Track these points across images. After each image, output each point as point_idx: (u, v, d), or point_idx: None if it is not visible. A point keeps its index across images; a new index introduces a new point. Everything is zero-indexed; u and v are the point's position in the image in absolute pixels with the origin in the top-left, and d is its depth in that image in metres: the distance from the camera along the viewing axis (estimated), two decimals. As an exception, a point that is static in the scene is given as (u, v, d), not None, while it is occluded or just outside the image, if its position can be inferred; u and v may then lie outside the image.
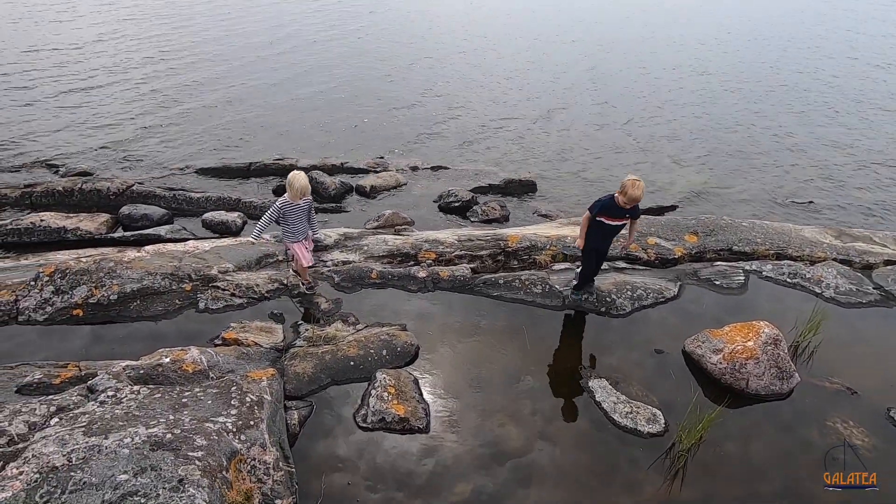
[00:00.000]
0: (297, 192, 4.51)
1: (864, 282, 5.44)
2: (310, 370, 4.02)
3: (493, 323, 4.73)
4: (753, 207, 8.44)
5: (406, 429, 3.64)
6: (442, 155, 10.25)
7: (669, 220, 6.63)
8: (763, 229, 6.33)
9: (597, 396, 3.95)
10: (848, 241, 6.26)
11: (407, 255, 5.67)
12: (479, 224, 7.38)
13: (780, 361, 4.08)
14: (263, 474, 2.91)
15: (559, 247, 5.83)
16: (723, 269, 5.58)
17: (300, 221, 4.68)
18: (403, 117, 12.28)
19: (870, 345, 4.65)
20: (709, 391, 4.07)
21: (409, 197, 8.41)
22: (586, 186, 9.12)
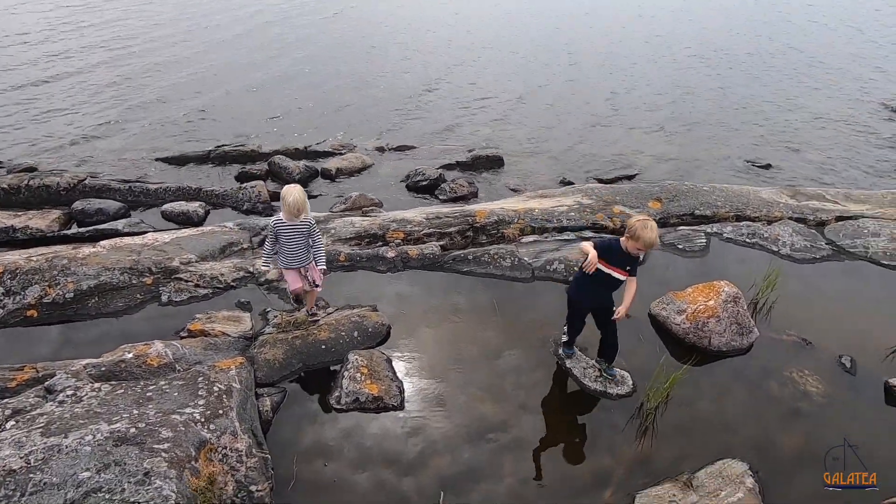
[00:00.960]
0: (290, 208, 3.72)
1: (818, 238, 5.66)
2: (280, 356, 3.97)
3: (464, 298, 4.76)
4: (714, 172, 8.64)
5: (380, 407, 3.65)
6: (408, 135, 10.10)
7: (633, 187, 6.73)
8: (723, 193, 6.50)
9: (567, 363, 4.03)
10: (802, 199, 6.49)
11: (375, 236, 5.61)
12: (447, 202, 7.34)
13: (740, 318, 4.24)
14: (236, 462, 2.88)
15: (527, 220, 5.86)
16: (686, 233, 5.72)
17: (298, 245, 3.90)
18: (368, 98, 12.01)
19: (822, 297, 4.87)
20: (674, 351, 4.20)
21: (375, 178, 8.29)
22: (552, 159, 9.16)
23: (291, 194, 3.75)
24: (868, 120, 11.04)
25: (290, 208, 3.73)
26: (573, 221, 5.90)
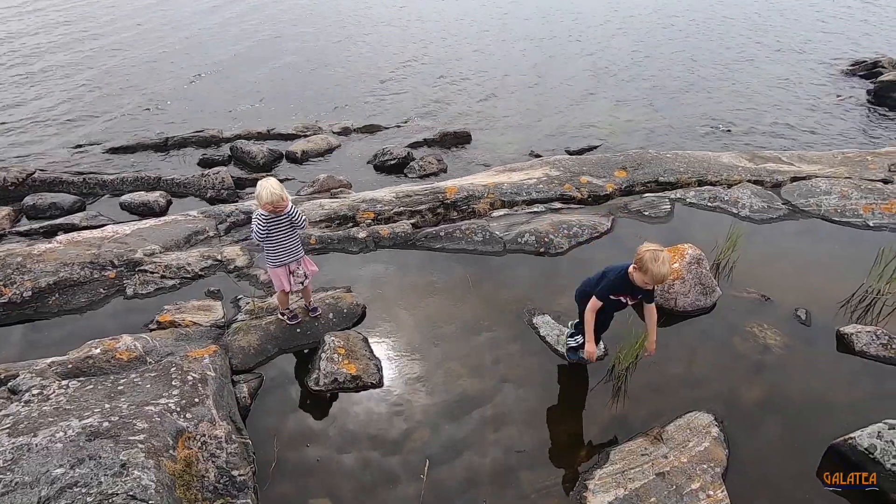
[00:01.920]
0: (269, 204, 3.45)
1: (775, 199, 5.89)
2: (255, 342, 3.94)
3: (437, 275, 4.78)
4: (678, 140, 8.83)
5: (360, 386, 3.68)
6: (374, 115, 9.94)
7: (600, 157, 6.83)
8: (685, 159, 6.66)
9: (541, 331, 4.12)
10: (760, 163, 6.71)
11: (345, 218, 5.55)
12: (416, 180, 7.30)
13: (704, 279, 4.40)
14: (216, 448, 2.87)
15: (497, 194, 5.90)
16: (651, 200, 5.86)
17: (287, 238, 3.69)
18: (330, 80, 11.71)
19: (780, 255, 5.09)
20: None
21: (343, 159, 8.17)
22: (520, 134, 9.18)
23: (265, 189, 3.44)
24: (824, 83, 11.41)
25: (268, 204, 3.45)
26: (542, 193, 5.96)
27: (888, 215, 5.55)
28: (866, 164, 6.69)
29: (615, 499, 2.95)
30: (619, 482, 3.03)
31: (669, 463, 3.11)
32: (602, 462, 3.18)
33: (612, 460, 3.17)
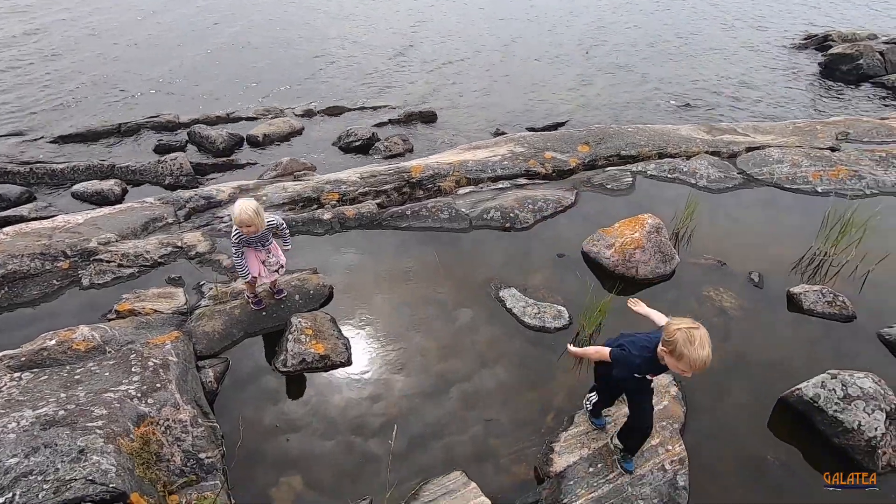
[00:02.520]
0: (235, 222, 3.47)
1: (731, 169, 6.08)
2: (220, 327, 3.88)
3: (404, 253, 4.78)
4: (639, 114, 8.97)
5: (328, 365, 3.67)
6: (337, 96, 9.74)
7: (563, 133, 6.89)
8: (646, 132, 6.78)
9: (507, 304, 4.19)
10: (717, 134, 6.90)
11: (309, 199, 5.47)
12: (382, 160, 7.23)
13: (663, 247, 4.53)
14: (181, 432, 2.84)
15: (462, 172, 5.90)
16: (613, 174, 5.97)
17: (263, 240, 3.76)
18: (291, 62, 11.39)
19: (735, 222, 5.28)
20: (606, 283, 4.45)
21: (306, 142, 8.01)
22: (485, 113, 9.17)
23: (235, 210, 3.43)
24: (778, 56, 11.74)
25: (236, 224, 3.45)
26: (507, 170, 5.99)
27: (835, 181, 5.81)
28: (816, 134, 6.95)
29: (579, 458, 3.06)
30: (583, 443, 3.14)
31: (631, 422, 3.23)
32: (567, 425, 3.28)
33: (576, 423, 3.28)
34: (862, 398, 3.09)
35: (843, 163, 6.06)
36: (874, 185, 5.79)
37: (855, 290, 4.39)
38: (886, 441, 3.02)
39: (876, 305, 4.22)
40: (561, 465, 3.03)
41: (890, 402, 3.11)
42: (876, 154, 6.21)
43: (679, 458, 3.03)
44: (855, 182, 5.81)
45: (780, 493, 2.96)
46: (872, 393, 3.11)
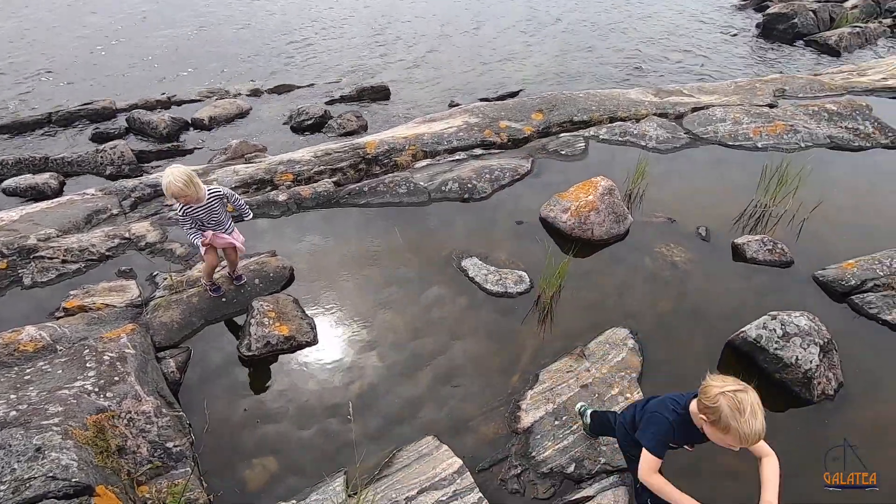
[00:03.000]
0: (180, 194, 3.26)
1: (678, 129, 6.28)
2: (178, 317, 3.78)
3: (364, 230, 4.75)
4: (590, 80, 9.09)
5: (294, 346, 3.66)
6: (284, 74, 9.40)
7: (517, 102, 6.91)
8: (597, 98, 6.89)
9: (469, 273, 4.25)
10: (664, 96, 7.08)
11: (262, 182, 5.33)
12: (336, 138, 7.08)
13: (616, 207, 4.68)
14: (146, 423, 2.79)
15: (418, 145, 5.86)
16: (567, 140, 6.06)
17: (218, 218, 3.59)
18: (232, 39, 10.86)
19: (683, 180, 5.49)
20: (564, 246, 4.57)
21: (256, 123, 7.73)
22: (438, 86, 9.07)
23: (164, 178, 3.22)
24: (720, 18, 12.04)
25: (168, 194, 3.26)
26: (463, 141, 5.99)
27: (773, 136, 6.10)
28: (755, 92, 7.24)
29: (545, 413, 3.19)
30: (548, 398, 3.28)
31: (592, 375, 3.39)
32: (533, 383, 3.41)
33: (541, 380, 3.41)
34: (799, 335, 3.34)
35: (780, 118, 6.36)
36: (808, 139, 6.11)
37: (792, 237, 4.68)
38: (821, 372, 3.29)
39: (811, 250, 4.52)
40: (528, 421, 3.16)
41: (823, 336, 3.37)
42: (809, 108, 6.54)
43: (637, 405, 3.20)
44: (791, 136, 6.12)
45: (729, 428, 3.19)
46: (808, 329, 3.37)
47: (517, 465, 2.96)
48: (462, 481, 2.77)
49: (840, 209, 4.98)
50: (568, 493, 2.82)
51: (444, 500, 2.69)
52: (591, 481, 2.85)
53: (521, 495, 2.83)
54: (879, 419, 3.25)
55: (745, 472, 2.96)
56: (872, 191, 5.37)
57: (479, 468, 2.94)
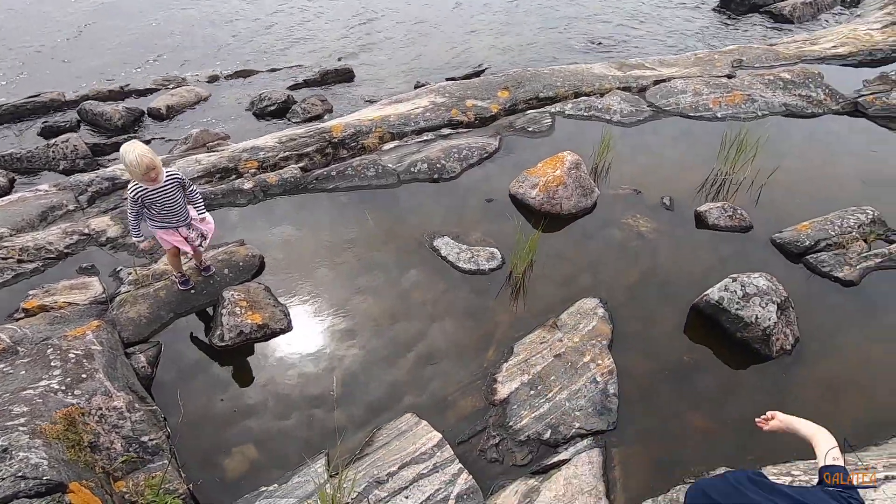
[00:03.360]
0: (139, 172, 3.07)
1: (641, 102, 6.37)
2: (146, 312, 3.70)
3: (333, 214, 4.71)
4: (555, 55, 9.10)
5: (268, 334, 3.63)
6: (243, 59, 9.10)
7: (483, 80, 6.88)
8: (562, 73, 6.92)
9: (442, 252, 4.27)
10: (627, 70, 7.16)
11: (226, 170, 5.19)
12: (301, 123, 6.93)
13: (583, 181, 4.75)
14: (118, 419, 2.74)
15: (385, 127, 5.79)
16: (533, 116, 6.09)
17: (172, 208, 3.41)
18: (186, 23, 10.42)
19: (647, 152, 5.60)
20: (534, 222, 4.63)
21: (216, 110, 7.49)
22: (404, 66, 8.94)
23: (130, 154, 3.03)
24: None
25: (138, 172, 3.07)
26: (430, 121, 5.95)
27: (731, 106, 6.26)
28: (714, 63, 7.39)
29: (521, 384, 3.27)
30: (523, 370, 3.35)
31: (564, 345, 3.48)
32: (508, 356, 3.48)
33: (515, 353, 3.48)
34: (758, 295, 3.49)
35: (738, 88, 6.52)
36: (765, 107, 6.30)
37: (751, 203, 4.85)
38: (779, 328, 3.45)
39: (769, 215, 4.70)
40: (504, 392, 3.23)
41: (780, 294, 3.54)
42: (765, 78, 6.72)
43: (609, 370, 3.32)
44: (749, 105, 6.29)
45: (694, 385, 3.33)
46: (766, 289, 3.52)
47: (495, 435, 3.03)
48: (442, 454, 2.83)
49: (795, 174, 5.18)
50: (545, 458, 2.91)
51: (426, 474, 2.74)
52: (566, 445, 2.95)
53: (500, 463, 2.91)
54: (833, 369, 3.46)
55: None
56: (824, 155, 5.59)
57: (459, 441, 3.00)
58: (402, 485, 2.69)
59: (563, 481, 2.73)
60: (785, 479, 2.58)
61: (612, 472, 2.87)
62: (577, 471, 2.79)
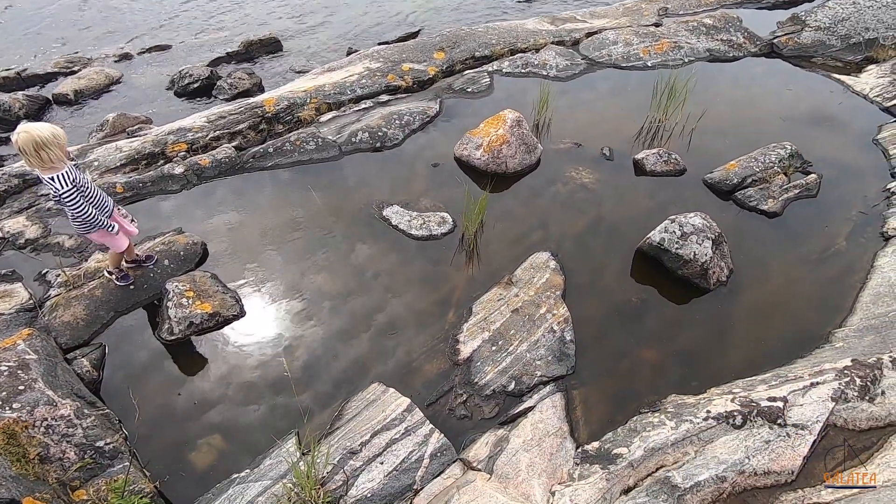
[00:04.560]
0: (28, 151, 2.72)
1: (575, 56, 6.43)
2: (82, 313, 3.46)
3: (277, 192, 4.53)
4: (484, 12, 8.96)
5: (220, 322, 3.50)
6: (152, 33, 8.38)
7: (417, 42, 6.71)
8: (496, 31, 6.84)
9: (392, 221, 4.23)
10: (560, 24, 7.17)
11: (153, 155, 4.85)
12: (230, 100, 6.53)
13: (526, 138, 4.79)
14: (67, 427, 2.59)
15: (320, 97, 5.56)
16: (472, 77, 6.02)
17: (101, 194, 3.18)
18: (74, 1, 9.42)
19: (584, 105, 5.70)
20: (481, 182, 4.65)
21: (132, 91, 6.92)
22: (333, 33, 8.54)
23: (36, 129, 2.73)
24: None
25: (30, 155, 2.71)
26: (367, 88, 5.77)
27: (660, 54, 6.44)
28: (642, 13, 7.53)
29: (482, 342, 3.35)
30: (483, 328, 3.43)
31: (520, 300, 3.58)
32: (467, 316, 3.54)
33: (474, 312, 3.55)
34: (694, 233, 3.70)
35: (665, 36, 6.70)
36: (690, 54, 6.52)
37: (684, 147, 5.07)
38: (714, 262, 3.70)
39: (700, 157, 4.94)
40: (467, 351, 3.31)
41: (714, 231, 3.77)
42: (689, 24, 6.93)
43: (564, 319, 3.45)
44: (676, 53, 6.49)
45: (643, 323, 3.54)
46: (701, 227, 3.74)
47: (462, 392, 3.11)
48: (412, 417, 2.88)
49: (721, 116, 5.45)
50: (511, 409, 3.03)
51: (398, 438, 2.79)
52: (530, 393, 3.08)
53: (470, 419, 3.00)
54: (763, 294, 3.76)
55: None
56: (747, 96, 5.90)
57: (428, 403, 3.06)
58: (375, 452, 2.73)
59: (531, 427, 2.86)
60: (727, 398, 2.82)
61: (575, 412, 3.04)
62: (543, 416, 2.93)
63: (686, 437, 2.60)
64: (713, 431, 2.60)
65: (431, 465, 2.69)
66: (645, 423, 2.76)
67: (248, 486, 2.58)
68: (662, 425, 2.70)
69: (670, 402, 2.96)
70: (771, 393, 2.77)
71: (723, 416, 2.66)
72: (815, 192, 4.55)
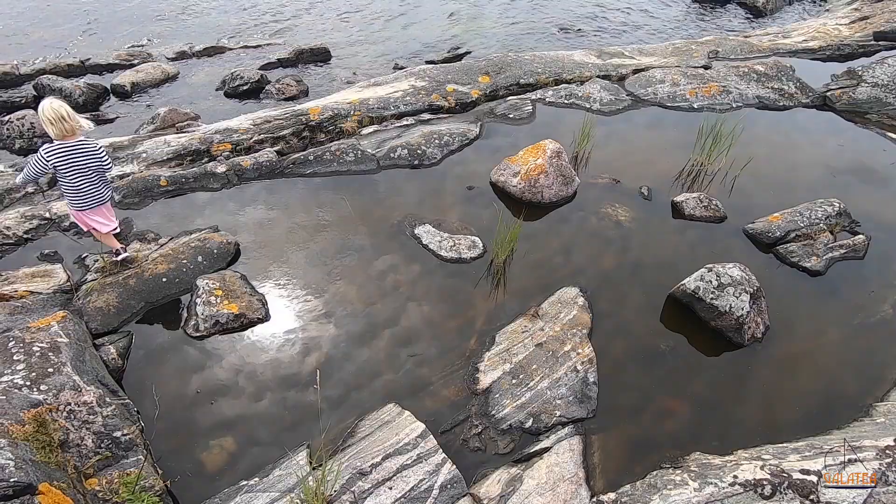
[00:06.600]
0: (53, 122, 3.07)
1: (620, 91, 6.40)
2: (115, 301, 3.55)
3: (312, 200, 4.59)
4: (534, 43, 9.04)
5: (245, 324, 3.54)
6: (212, 35, 8.72)
7: (463, 65, 6.79)
8: (542, 59, 6.88)
9: (423, 241, 4.23)
10: (607, 58, 7.17)
11: (198, 153, 4.99)
12: (275, 104, 6.71)
13: (564, 170, 4.76)
14: (89, 414, 2.63)
15: (364, 110, 5.66)
16: (514, 103, 6.04)
17: (87, 178, 3.33)
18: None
19: (626, 141, 5.64)
20: (515, 210, 4.63)
21: (185, 88, 7.17)
22: (381, 47, 8.73)
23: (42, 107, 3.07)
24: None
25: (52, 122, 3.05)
26: (410, 106, 5.84)
27: (707, 97, 6.36)
28: (691, 53, 7.47)
29: (503, 373, 3.29)
30: (504, 359, 3.37)
31: (545, 334, 3.51)
32: (490, 345, 3.49)
33: (497, 342, 3.49)
34: (732, 284, 3.59)
35: (714, 80, 6.62)
36: (739, 99, 6.42)
37: (725, 193, 4.96)
38: (751, 317, 3.56)
39: (742, 205, 4.81)
40: (486, 381, 3.25)
41: (753, 284, 3.64)
42: (740, 70, 6.83)
43: (588, 359, 3.37)
44: (724, 97, 6.40)
45: (671, 373, 3.42)
46: (740, 279, 3.62)
47: (478, 424, 3.05)
48: (425, 444, 2.83)
49: (767, 165, 5.31)
50: (527, 447, 2.95)
51: (409, 464, 2.74)
52: (548, 433, 3.00)
53: (483, 452, 2.93)
54: (801, 356, 3.59)
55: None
56: (795, 147, 5.75)
57: (442, 430, 3.01)
58: (385, 476, 2.68)
59: (546, 469, 2.78)
60: (756, 464, 2.69)
61: (592, 458, 2.93)
62: (559, 458, 2.84)
63: (710, 501, 2.48)
64: (740, 499, 2.48)
65: (441, 496, 2.63)
66: (666, 481, 2.64)
67: (256, 496, 2.56)
68: (685, 485, 2.58)
69: (694, 460, 2.83)
70: (804, 465, 2.63)
71: (751, 484, 2.53)
72: (863, 253, 4.37)
